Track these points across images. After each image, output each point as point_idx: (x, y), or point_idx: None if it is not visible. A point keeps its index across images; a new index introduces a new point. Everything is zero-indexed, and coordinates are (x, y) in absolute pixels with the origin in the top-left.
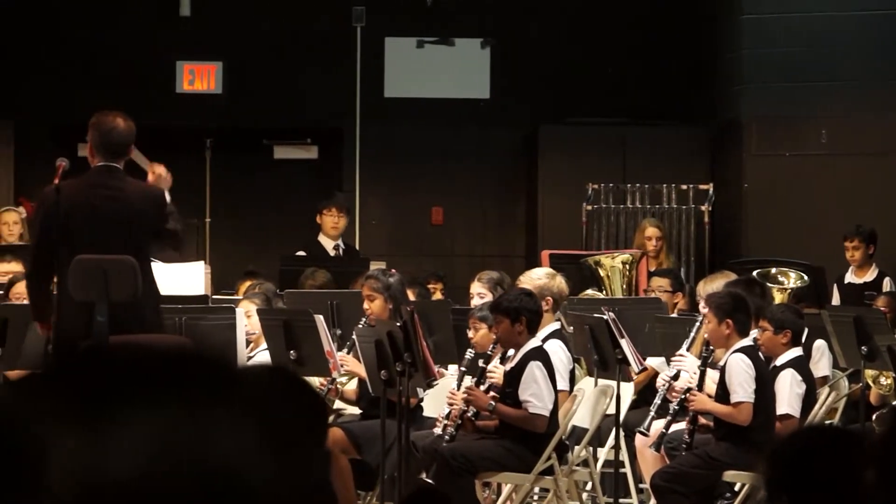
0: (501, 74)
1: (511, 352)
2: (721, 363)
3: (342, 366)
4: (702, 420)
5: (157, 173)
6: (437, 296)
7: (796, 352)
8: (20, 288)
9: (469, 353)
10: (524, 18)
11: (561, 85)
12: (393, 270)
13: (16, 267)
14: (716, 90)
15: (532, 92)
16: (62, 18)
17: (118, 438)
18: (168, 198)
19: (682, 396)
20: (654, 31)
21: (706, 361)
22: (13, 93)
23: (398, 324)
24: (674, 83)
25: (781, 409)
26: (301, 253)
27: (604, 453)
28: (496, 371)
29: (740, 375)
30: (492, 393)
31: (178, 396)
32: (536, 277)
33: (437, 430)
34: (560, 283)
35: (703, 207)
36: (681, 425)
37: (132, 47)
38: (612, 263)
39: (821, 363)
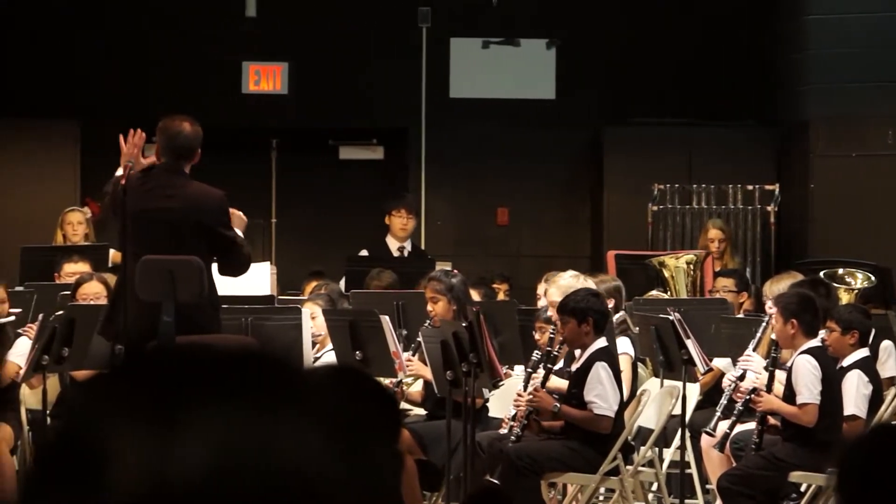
0: (567, 75)
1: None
2: (788, 364)
3: (408, 366)
4: (770, 421)
5: (236, 215)
6: (502, 296)
7: (863, 352)
8: (87, 288)
9: (535, 354)
10: (589, 19)
11: (626, 85)
12: (455, 271)
13: (83, 267)
14: (782, 90)
15: (597, 92)
16: (128, 19)
17: (183, 439)
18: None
19: (748, 397)
20: (720, 32)
21: (774, 362)
22: (80, 93)
23: (463, 324)
24: (740, 83)
25: (848, 409)
26: (363, 253)
27: (669, 454)
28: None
29: (806, 377)
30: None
31: (243, 397)
32: (567, 284)
33: (503, 431)
34: (589, 285)
35: (769, 208)
36: (747, 426)
37: (198, 48)
38: (677, 264)
39: (888, 364)
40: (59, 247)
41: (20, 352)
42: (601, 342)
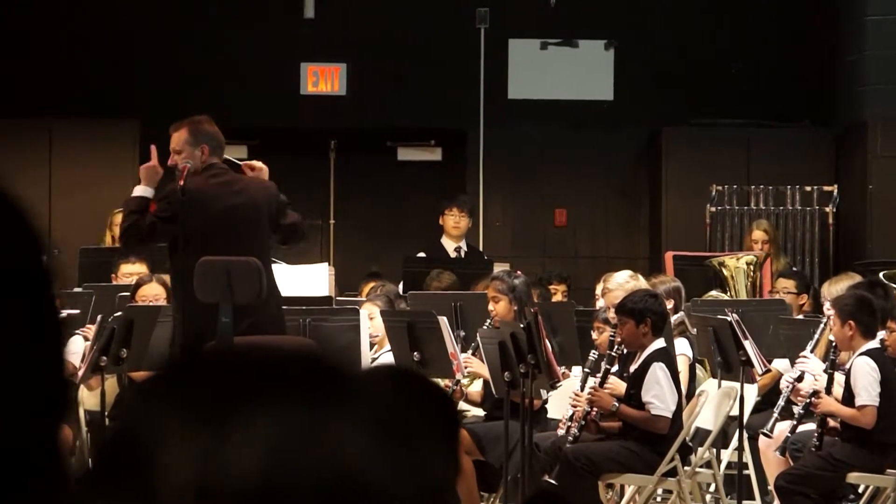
0: (625, 76)
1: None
2: (847, 366)
3: (466, 367)
4: (830, 423)
5: (259, 168)
6: (560, 297)
7: None
8: (146, 290)
9: (593, 355)
10: (647, 19)
11: (685, 86)
12: (518, 272)
13: (140, 268)
14: (840, 91)
15: (656, 93)
16: (187, 19)
17: (236, 441)
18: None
19: (809, 400)
20: (778, 32)
21: (833, 364)
22: (138, 93)
23: (522, 325)
24: (798, 84)
25: None
26: (421, 255)
27: (727, 455)
28: (614, 385)
29: (865, 378)
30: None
31: (297, 399)
32: (623, 281)
33: (561, 432)
34: (642, 285)
35: (827, 209)
36: (805, 426)
37: (256, 49)
38: (737, 265)
39: None
40: (116, 248)
41: (73, 350)
42: (659, 343)
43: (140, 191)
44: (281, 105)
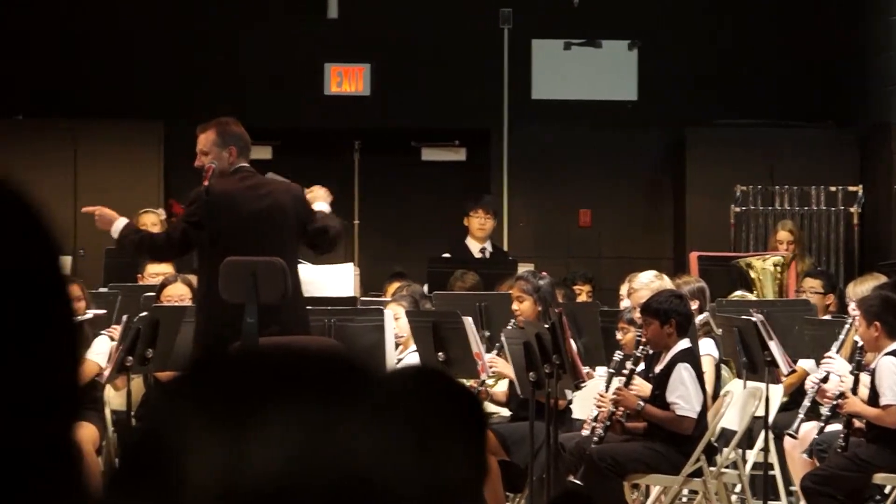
0: (649, 76)
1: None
2: (871, 366)
3: (491, 368)
4: (856, 424)
5: (316, 193)
6: (585, 297)
7: None
8: (172, 290)
9: (617, 355)
10: (671, 19)
11: (708, 86)
12: (543, 273)
13: (167, 269)
14: (865, 92)
15: (679, 93)
16: (213, 20)
17: (260, 440)
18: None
19: (835, 402)
20: (802, 33)
21: (859, 365)
22: (163, 94)
23: (546, 326)
24: (822, 84)
25: None
26: (446, 255)
27: (753, 455)
28: (640, 387)
29: (890, 378)
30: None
31: (321, 399)
32: (648, 281)
33: (586, 432)
34: (668, 286)
35: (852, 209)
36: (830, 427)
37: (280, 49)
38: (764, 266)
39: None
40: None
41: (99, 350)
42: (684, 343)
43: (115, 233)
44: (305, 105)
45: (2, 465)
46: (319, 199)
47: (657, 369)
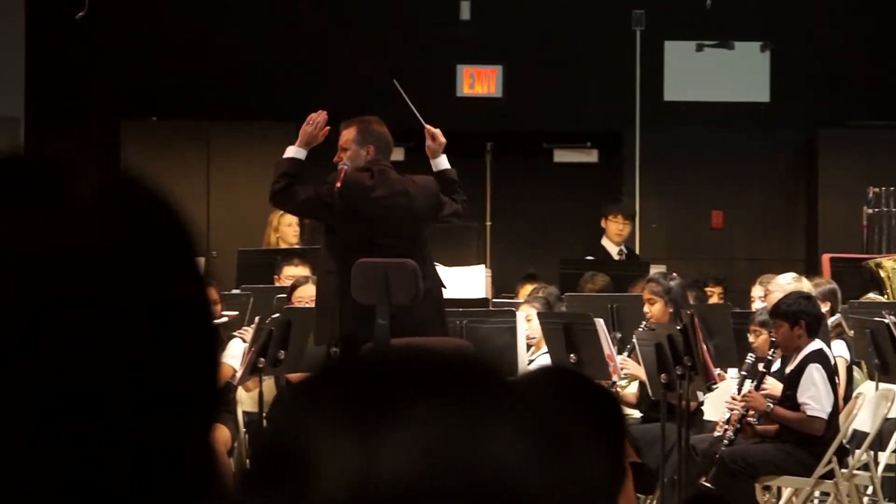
0: (781, 78)
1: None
2: None
3: (622, 369)
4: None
5: (440, 142)
6: (716, 299)
7: None
8: (303, 292)
9: (749, 358)
10: (803, 21)
11: (841, 88)
12: (674, 274)
13: (303, 270)
14: None
15: (812, 95)
16: (356, 23)
17: (390, 442)
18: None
19: None
20: None
21: None
22: (295, 95)
23: (678, 327)
24: None
25: None
26: (589, 258)
27: (885, 457)
28: (772, 387)
29: None
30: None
31: (452, 401)
32: (786, 283)
33: (717, 434)
34: (807, 287)
35: None
36: None
37: (413, 51)
38: (894, 266)
39: None
40: (277, 249)
41: (233, 353)
42: (815, 344)
43: (293, 152)
44: (437, 107)
45: (146, 467)
46: (440, 156)
47: (788, 370)
